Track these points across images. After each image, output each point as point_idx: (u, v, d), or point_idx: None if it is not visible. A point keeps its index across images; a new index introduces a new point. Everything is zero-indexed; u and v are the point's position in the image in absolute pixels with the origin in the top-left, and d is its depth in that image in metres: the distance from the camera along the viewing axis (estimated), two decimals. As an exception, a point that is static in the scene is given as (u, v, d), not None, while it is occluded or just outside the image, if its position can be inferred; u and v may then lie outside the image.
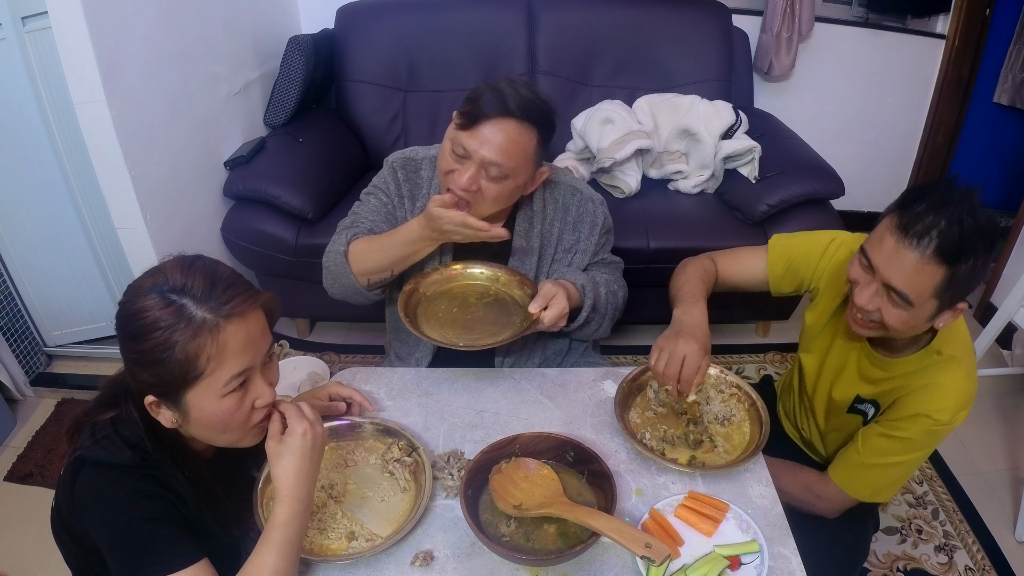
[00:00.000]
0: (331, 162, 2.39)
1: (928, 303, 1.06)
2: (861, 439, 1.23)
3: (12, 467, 2.01)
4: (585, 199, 1.42)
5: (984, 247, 1.02)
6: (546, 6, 2.60)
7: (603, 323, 1.44)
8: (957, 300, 1.07)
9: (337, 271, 1.37)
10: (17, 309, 2.24)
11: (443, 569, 0.97)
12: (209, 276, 0.88)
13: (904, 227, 1.03)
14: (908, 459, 1.19)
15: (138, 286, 0.88)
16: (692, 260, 1.42)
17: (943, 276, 1.02)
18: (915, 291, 1.04)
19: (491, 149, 1.20)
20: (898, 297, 1.06)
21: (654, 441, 1.18)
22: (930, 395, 1.15)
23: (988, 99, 3.23)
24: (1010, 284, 2.17)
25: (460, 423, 1.23)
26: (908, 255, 1.03)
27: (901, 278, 1.04)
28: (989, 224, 1.02)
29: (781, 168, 2.31)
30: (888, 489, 1.26)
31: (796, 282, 1.36)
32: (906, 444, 1.18)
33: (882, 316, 1.09)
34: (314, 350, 2.45)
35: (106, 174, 1.80)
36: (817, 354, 1.35)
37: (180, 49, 1.99)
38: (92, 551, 0.90)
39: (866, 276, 1.10)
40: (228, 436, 0.94)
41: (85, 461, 0.89)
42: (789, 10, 2.72)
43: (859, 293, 1.11)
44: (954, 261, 1.01)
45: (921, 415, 1.15)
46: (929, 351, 1.17)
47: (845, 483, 1.25)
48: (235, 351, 0.87)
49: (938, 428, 1.15)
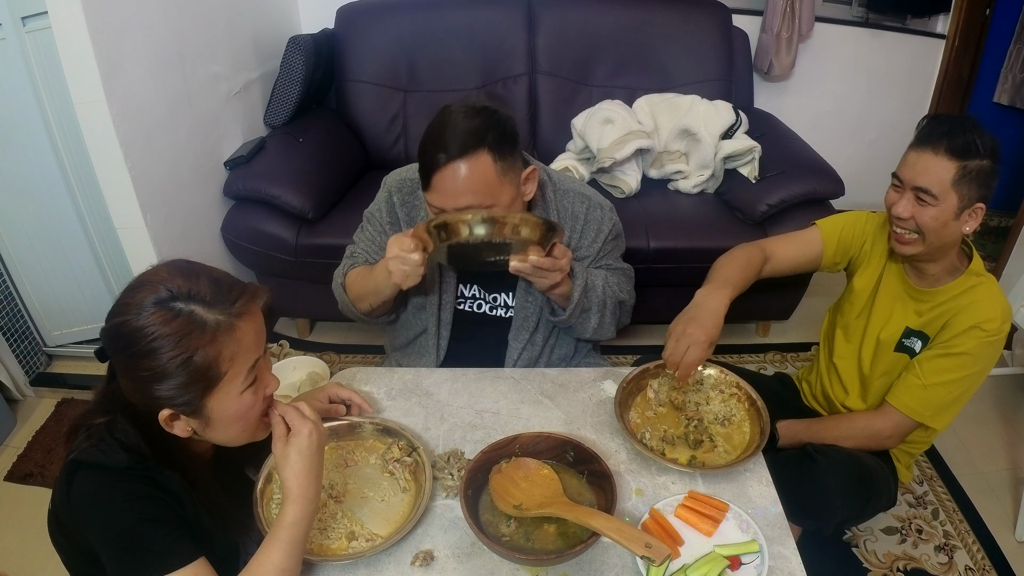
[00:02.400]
0: (331, 162, 2.39)
1: (950, 196, 1.24)
2: (918, 365, 1.36)
3: (12, 467, 2.01)
4: (594, 205, 1.41)
5: (987, 151, 1.23)
6: (546, 6, 2.60)
7: (604, 317, 1.41)
8: (975, 200, 1.26)
9: (341, 301, 1.44)
10: (17, 309, 2.24)
11: (443, 569, 0.97)
12: (212, 280, 0.88)
13: (920, 140, 1.28)
14: (965, 375, 1.32)
15: (131, 303, 0.85)
16: (743, 247, 1.51)
17: (956, 169, 1.23)
18: (937, 184, 1.24)
19: (455, 197, 1.19)
20: (925, 195, 1.25)
21: (654, 441, 1.18)
22: (977, 309, 1.30)
23: (988, 99, 3.23)
24: (1010, 284, 2.17)
25: (460, 423, 1.23)
26: (925, 155, 1.26)
27: (924, 176, 1.25)
28: (989, 136, 1.25)
29: (781, 168, 2.31)
30: (949, 410, 1.37)
31: (847, 253, 1.51)
32: (964, 360, 1.31)
33: (917, 222, 1.27)
34: (314, 350, 2.45)
35: (106, 174, 1.81)
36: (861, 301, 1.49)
37: (180, 49, 1.99)
38: (89, 554, 0.90)
39: (898, 193, 1.31)
40: (246, 433, 0.95)
41: (80, 464, 0.88)
42: (789, 10, 2.72)
43: (896, 207, 1.30)
44: (963, 156, 1.23)
45: (974, 327, 1.29)
46: (969, 275, 1.33)
47: (907, 406, 1.36)
48: (248, 347, 0.89)
49: (990, 339, 1.29)
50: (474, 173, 1.18)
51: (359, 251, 1.46)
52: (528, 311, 1.41)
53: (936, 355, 1.34)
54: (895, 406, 1.38)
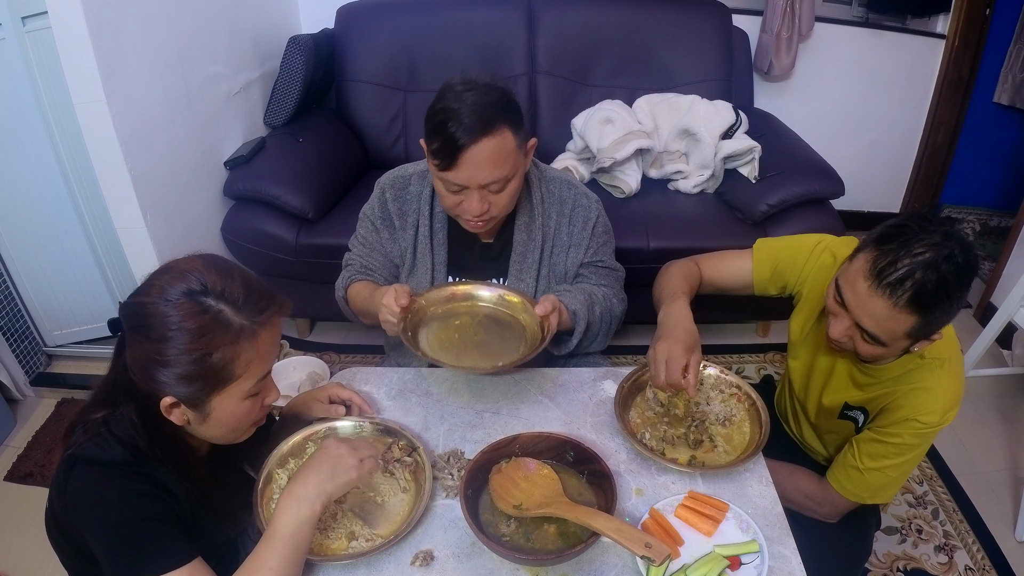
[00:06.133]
0: (331, 162, 2.39)
1: (901, 342, 1.06)
2: (855, 445, 1.23)
3: (12, 467, 2.01)
4: (580, 194, 1.42)
5: (962, 288, 1.00)
6: (546, 6, 2.60)
7: (596, 339, 1.44)
8: (932, 333, 1.06)
9: (345, 311, 1.48)
10: (17, 309, 2.24)
11: (443, 569, 0.97)
12: (246, 283, 0.89)
13: (878, 274, 1.00)
14: (902, 461, 1.19)
15: (162, 286, 0.85)
16: (675, 263, 1.42)
17: (915, 322, 1.01)
18: (887, 335, 1.04)
19: (483, 173, 1.19)
20: (869, 337, 1.06)
21: (654, 441, 1.18)
22: (917, 399, 1.14)
23: (988, 99, 3.23)
24: (1010, 284, 2.17)
25: (460, 423, 1.23)
26: (880, 303, 1.01)
27: (872, 323, 1.04)
28: (968, 265, 0.99)
29: (781, 168, 2.31)
30: (887, 490, 1.25)
31: (781, 284, 1.35)
32: (899, 448, 1.17)
33: (855, 348, 1.10)
34: (314, 350, 2.45)
35: (106, 174, 1.81)
36: (804, 360, 1.35)
37: (180, 49, 1.99)
38: (86, 551, 0.90)
39: (839, 310, 1.09)
40: (234, 434, 0.96)
41: (77, 459, 0.88)
42: (789, 10, 2.71)
43: (832, 325, 1.11)
44: (928, 309, 0.99)
45: (910, 419, 1.14)
46: (912, 356, 1.15)
47: (844, 488, 1.25)
48: (264, 356, 0.90)
49: (928, 431, 1.14)
50: (501, 148, 1.19)
51: (354, 257, 1.47)
52: None
53: (872, 439, 1.20)
54: (832, 485, 1.26)
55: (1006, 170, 3.43)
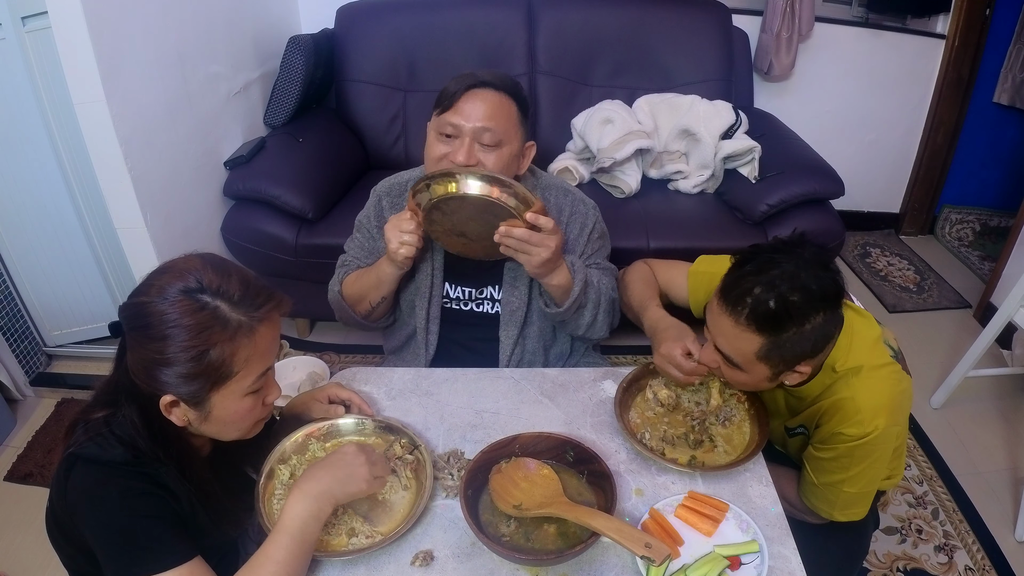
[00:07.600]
0: (331, 162, 2.39)
1: (757, 366, 1.05)
2: (808, 460, 1.20)
3: (12, 467, 2.01)
4: (577, 200, 1.42)
5: (814, 312, 0.99)
6: (546, 6, 2.60)
7: (597, 315, 1.40)
8: (796, 362, 1.05)
9: (339, 309, 1.47)
10: (17, 309, 2.24)
11: (443, 569, 0.97)
12: (243, 281, 0.89)
13: (722, 291, 1.02)
14: (849, 476, 1.14)
15: (161, 285, 0.86)
16: (629, 271, 1.43)
17: (762, 343, 1.01)
18: (739, 355, 1.04)
19: (479, 117, 1.24)
20: (726, 360, 1.06)
21: (654, 441, 1.18)
22: (837, 414, 1.11)
23: (988, 99, 3.23)
24: (1010, 284, 2.17)
25: (460, 423, 1.23)
26: (726, 320, 1.03)
27: (724, 342, 1.05)
28: (821, 291, 0.99)
29: (781, 168, 2.30)
30: (853, 508, 1.19)
31: None
32: (839, 462, 1.14)
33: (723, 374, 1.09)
34: (314, 350, 2.45)
35: (106, 174, 1.80)
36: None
37: (180, 49, 1.99)
38: (86, 551, 0.90)
39: (707, 333, 1.09)
40: (237, 432, 0.96)
41: (77, 458, 0.89)
42: (789, 10, 2.71)
43: (703, 349, 1.11)
44: (772, 331, 0.99)
45: (835, 432, 1.11)
46: (825, 371, 1.13)
47: (811, 502, 1.23)
48: (263, 353, 0.90)
49: (856, 443, 1.09)
50: (501, 104, 1.27)
51: (350, 259, 1.48)
52: (515, 305, 1.41)
53: (813, 456, 1.17)
54: (802, 498, 1.24)
55: (1006, 170, 3.42)
